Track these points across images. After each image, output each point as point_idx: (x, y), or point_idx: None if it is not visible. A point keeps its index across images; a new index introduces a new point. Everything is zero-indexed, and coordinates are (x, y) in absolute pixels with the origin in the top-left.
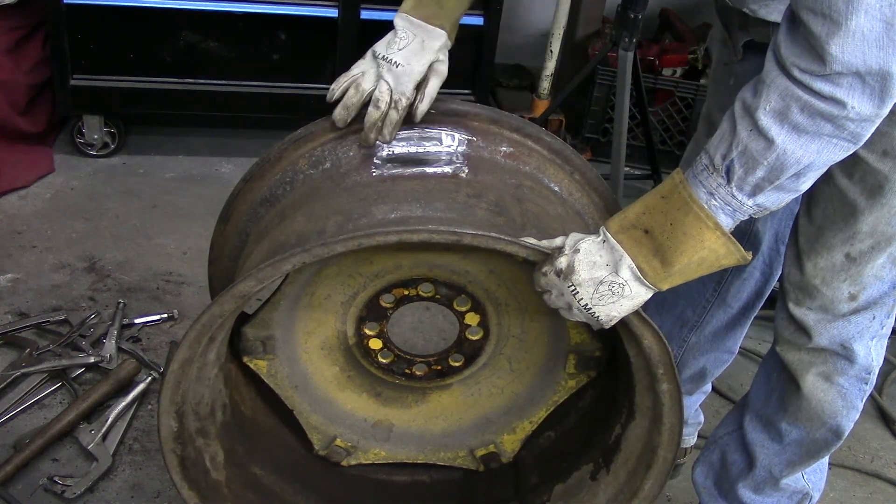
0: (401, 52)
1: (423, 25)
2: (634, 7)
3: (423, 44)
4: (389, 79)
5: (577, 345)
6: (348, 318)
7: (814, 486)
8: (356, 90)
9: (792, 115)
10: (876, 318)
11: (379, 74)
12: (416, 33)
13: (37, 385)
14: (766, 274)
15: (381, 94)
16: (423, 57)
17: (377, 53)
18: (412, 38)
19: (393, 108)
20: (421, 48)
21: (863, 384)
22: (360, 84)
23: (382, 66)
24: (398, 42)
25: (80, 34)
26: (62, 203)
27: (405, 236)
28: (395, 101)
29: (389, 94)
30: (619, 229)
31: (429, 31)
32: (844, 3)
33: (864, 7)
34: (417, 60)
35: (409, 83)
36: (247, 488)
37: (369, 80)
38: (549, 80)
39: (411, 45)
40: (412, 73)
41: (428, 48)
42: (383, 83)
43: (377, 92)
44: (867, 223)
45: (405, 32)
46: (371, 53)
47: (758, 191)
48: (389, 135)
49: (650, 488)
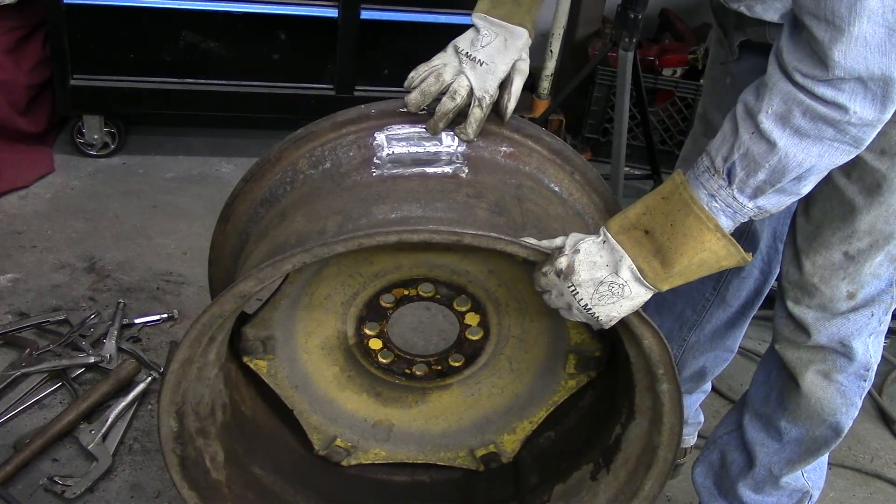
0: (484, 49)
1: (504, 25)
2: (634, 7)
3: (506, 42)
4: (471, 76)
5: (577, 345)
6: (348, 318)
7: (813, 484)
8: (436, 79)
9: (794, 119)
10: (874, 316)
11: (460, 69)
12: (499, 32)
13: (37, 385)
14: (765, 273)
15: (459, 87)
16: (506, 56)
17: (460, 49)
18: (494, 36)
19: (477, 105)
20: (504, 47)
21: (861, 381)
22: (441, 74)
23: (465, 63)
24: (481, 39)
25: (80, 34)
26: (62, 203)
27: (405, 236)
28: (479, 99)
29: (468, 90)
30: (620, 230)
31: (510, 29)
32: (847, 9)
33: (866, 13)
34: (501, 59)
35: (493, 82)
36: (247, 488)
37: (450, 72)
38: (549, 80)
39: (494, 43)
40: (496, 71)
41: (511, 47)
42: (463, 78)
43: (455, 84)
44: (865, 221)
45: (488, 31)
46: (453, 48)
47: (759, 193)
48: (474, 132)
49: (650, 488)
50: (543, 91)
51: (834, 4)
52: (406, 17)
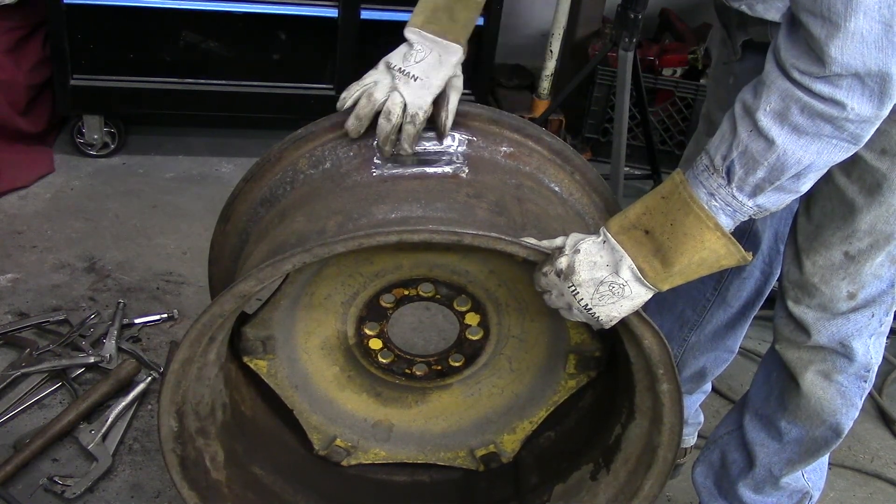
0: (418, 64)
1: (438, 40)
2: (634, 7)
3: (440, 58)
4: (405, 91)
5: (577, 345)
6: (348, 318)
7: (814, 485)
8: (368, 100)
9: (792, 117)
10: (875, 316)
11: (393, 86)
12: (433, 47)
13: (37, 385)
14: (766, 273)
15: (392, 106)
16: (441, 71)
17: (392, 65)
18: (429, 51)
19: (409, 122)
20: (439, 62)
21: (862, 382)
22: (372, 94)
23: (398, 78)
24: (415, 55)
25: (80, 34)
26: (62, 203)
27: (406, 236)
28: (411, 115)
29: (402, 107)
30: (620, 230)
31: (445, 45)
32: (843, 5)
33: (862, 9)
34: (436, 74)
35: (427, 97)
36: (247, 488)
37: (382, 90)
38: (549, 80)
39: (428, 58)
40: (431, 86)
41: (446, 63)
42: (396, 94)
43: (389, 103)
44: (866, 221)
45: (421, 46)
46: (384, 64)
47: (758, 191)
48: (410, 147)
49: (650, 488)
50: (543, 91)
51: (830, 1)
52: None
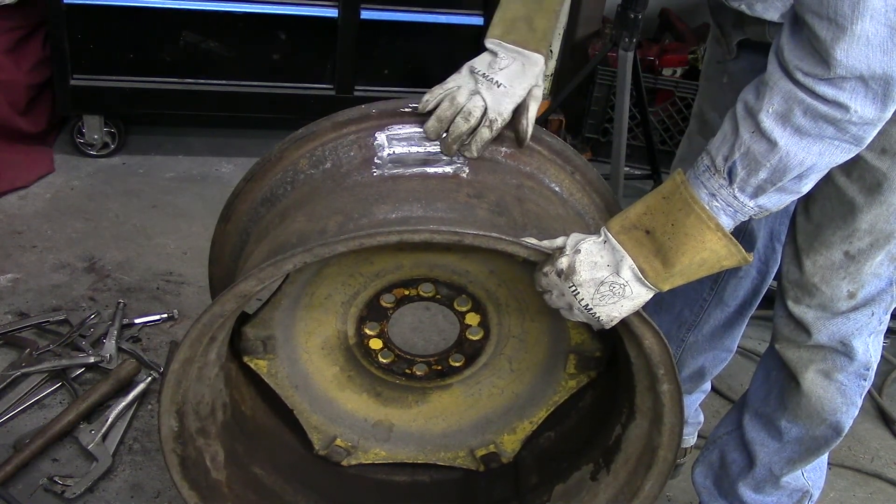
0: (503, 71)
1: (520, 50)
2: (634, 7)
3: (524, 67)
4: (487, 97)
5: (578, 345)
6: (349, 318)
7: (814, 484)
8: (451, 103)
9: (794, 118)
10: (874, 315)
11: (476, 90)
12: (516, 57)
13: (37, 385)
14: (763, 272)
15: (473, 108)
16: (524, 80)
17: (476, 70)
18: (512, 60)
19: (486, 125)
20: (522, 71)
21: (862, 380)
22: (455, 98)
23: (481, 83)
24: (499, 62)
25: (80, 34)
26: (62, 203)
27: (406, 236)
28: (490, 120)
29: (482, 111)
30: (621, 230)
31: (527, 55)
32: (850, 8)
33: (869, 12)
34: (519, 83)
35: (509, 105)
36: (247, 488)
37: (464, 94)
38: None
39: (512, 66)
40: (514, 94)
41: (529, 72)
42: (478, 98)
43: (469, 105)
44: (866, 221)
45: (505, 55)
46: (468, 69)
47: (760, 192)
48: (477, 151)
49: (650, 488)
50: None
51: (837, 3)
52: (406, 17)
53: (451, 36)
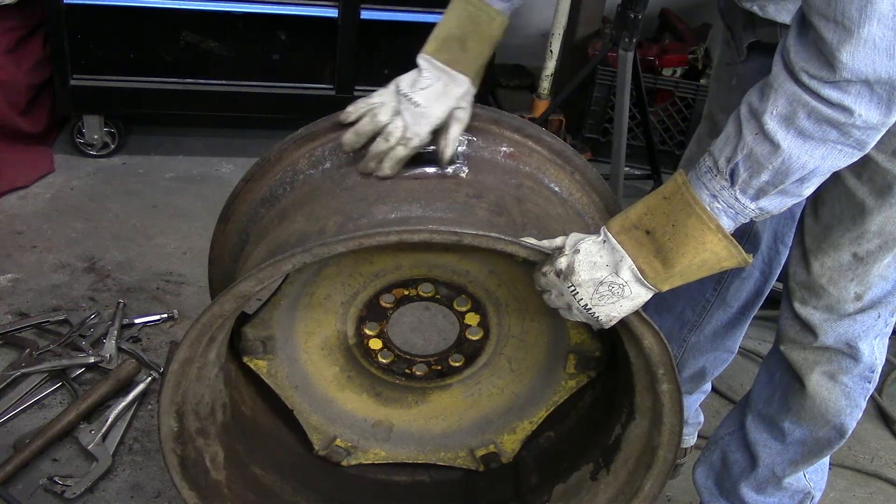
0: (422, 91)
1: (446, 70)
2: (634, 7)
3: (445, 88)
4: (407, 116)
5: (578, 345)
6: (348, 318)
7: (815, 485)
8: (371, 119)
9: (798, 121)
10: (881, 317)
11: (398, 109)
12: (440, 77)
13: (37, 385)
14: (766, 273)
15: (394, 129)
16: (444, 102)
17: (400, 89)
18: (436, 80)
19: (402, 144)
20: (443, 92)
21: (866, 383)
22: (376, 114)
23: (403, 103)
24: (421, 81)
25: (80, 34)
26: (62, 203)
27: (405, 236)
28: (406, 139)
29: (402, 132)
30: (621, 230)
31: (452, 76)
32: (858, 11)
33: (877, 16)
34: (438, 105)
35: (425, 125)
36: (247, 488)
37: (386, 112)
38: (549, 80)
39: (434, 87)
40: (430, 116)
41: (450, 94)
42: (399, 119)
43: (391, 125)
44: (875, 223)
45: (429, 73)
46: (394, 86)
47: (761, 194)
48: (391, 169)
49: (650, 488)
50: (543, 91)
51: (844, 6)
52: (406, 17)
53: None
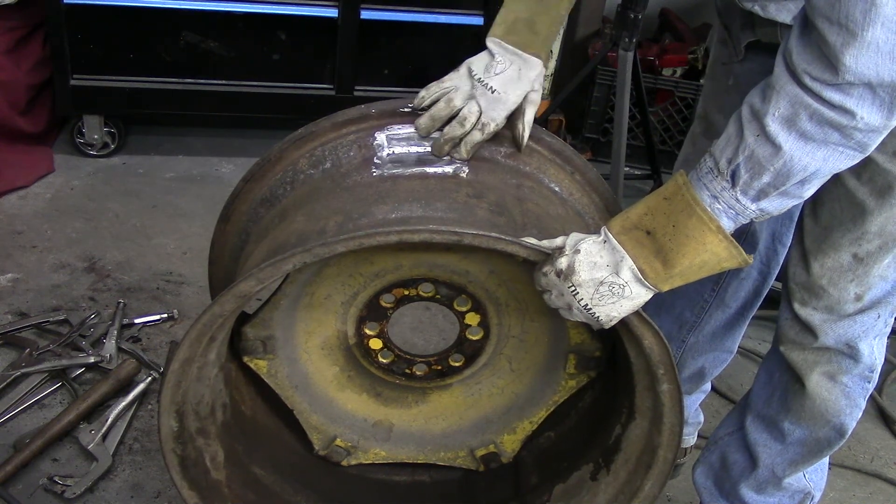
0: (497, 77)
1: (519, 53)
2: (634, 7)
3: (519, 72)
4: (483, 102)
5: (578, 345)
6: (348, 318)
7: (815, 485)
8: (447, 104)
9: (800, 123)
10: (881, 318)
11: (472, 94)
12: (513, 60)
13: (37, 385)
14: (764, 273)
15: (469, 114)
16: (519, 86)
17: (473, 72)
18: (509, 64)
19: (479, 129)
20: (518, 77)
21: (866, 383)
22: (452, 100)
23: (477, 88)
24: (495, 66)
25: (80, 34)
26: (62, 203)
27: (406, 236)
28: (483, 125)
29: (478, 117)
30: (621, 230)
31: (525, 59)
32: (862, 14)
33: (881, 19)
34: (514, 89)
35: (502, 111)
36: (247, 488)
37: (461, 97)
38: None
39: (508, 71)
40: (507, 101)
41: (524, 78)
42: (474, 104)
43: (466, 110)
44: (876, 223)
45: (502, 58)
46: (466, 69)
47: (762, 196)
48: (467, 153)
49: (650, 488)
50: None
51: (849, 9)
52: (406, 17)
53: (451, 36)
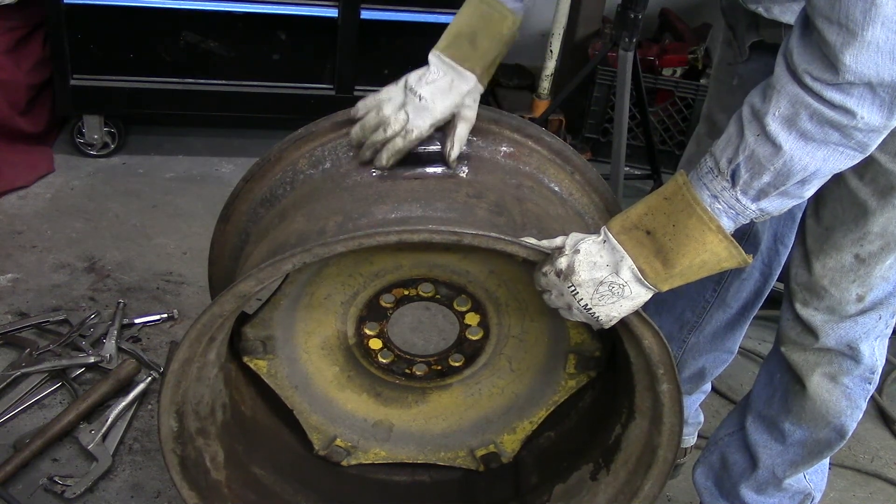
0: (428, 86)
1: (454, 66)
2: (634, 7)
3: (451, 84)
4: (410, 110)
5: (577, 345)
6: (348, 318)
7: (815, 486)
8: (377, 114)
9: (800, 122)
10: (882, 319)
11: (403, 103)
12: (447, 72)
13: (37, 385)
14: (766, 274)
15: (394, 121)
16: (448, 98)
17: (408, 83)
18: (442, 76)
19: (400, 136)
20: (448, 88)
21: (867, 384)
22: (381, 109)
23: (408, 97)
24: (427, 76)
25: (80, 34)
26: (62, 203)
27: (405, 236)
28: (407, 131)
29: (402, 124)
30: (621, 230)
31: (459, 72)
32: (862, 14)
33: (881, 19)
34: (442, 100)
35: (427, 118)
36: (247, 488)
37: (392, 107)
38: (549, 80)
39: (439, 82)
40: (433, 110)
41: (456, 90)
42: (402, 112)
43: (392, 118)
44: (878, 224)
45: (437, 69)
46: (403, 81)
47: (762, 196)
48: (387, 160)
49: (650, 488)
50: (543, 91)
51: (849, 8)
52: (406, 17)
53: None
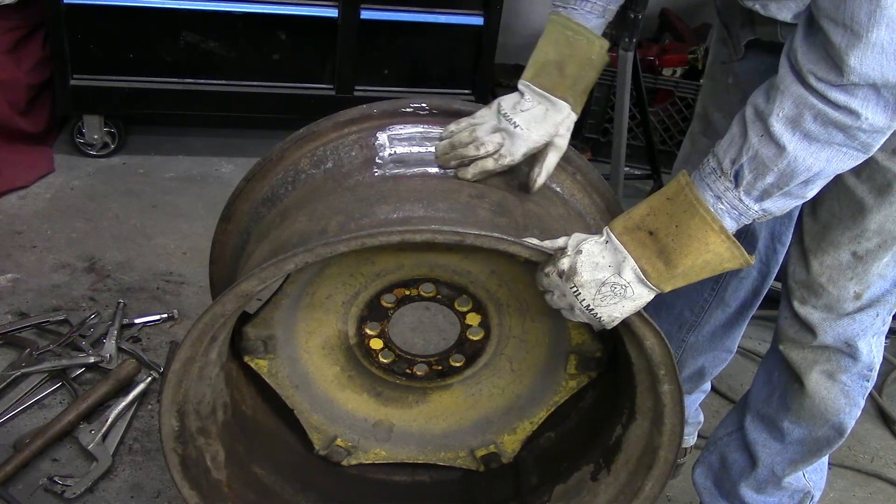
0: (523, 114)
1: (546, 96)
2: (634, 7)
3: (546, 113)
4: (506, 136)
5: (578, 345)
6: (349, 318)
7: (815, 484)
8: (469, 134)
9: (805, 123)
10: (879, 316)
11: (497, 128)
12: (541, 101)
13: (37, 385)
14: (764, 273)
15: (489, 143)
16: (542, 127)
17: (502, 109)
18: (536, 104)
19: (491, 157)
20: (543, 118)
21: (865, 381)
22: (475, 130)
23: (502, 122)
24: (523, 104)
25: (80, 34)
26: (62, 203)
27: (408, 236)
28: (500, 155)
29: (497, 147)
30: (624, 230)
31: (552, 101)
32: (867, 15)
33: (885, 20)
34: (536, 129)
35: (521, 147)
36: (247, 488)
37: (485, 129)
38: None
39: (534, 111)
40: (528, 139)
41: (550, 119)
42: (497, 136)
43: (486, 138)
44: (875, 221)
45: (531, 97)
46: (497, 105)
47: (765, 196)
48: (473, 176)
49: (651, 489)
50: None
51: (854, 10)
52: (406, 17)
53: (451, 36)
